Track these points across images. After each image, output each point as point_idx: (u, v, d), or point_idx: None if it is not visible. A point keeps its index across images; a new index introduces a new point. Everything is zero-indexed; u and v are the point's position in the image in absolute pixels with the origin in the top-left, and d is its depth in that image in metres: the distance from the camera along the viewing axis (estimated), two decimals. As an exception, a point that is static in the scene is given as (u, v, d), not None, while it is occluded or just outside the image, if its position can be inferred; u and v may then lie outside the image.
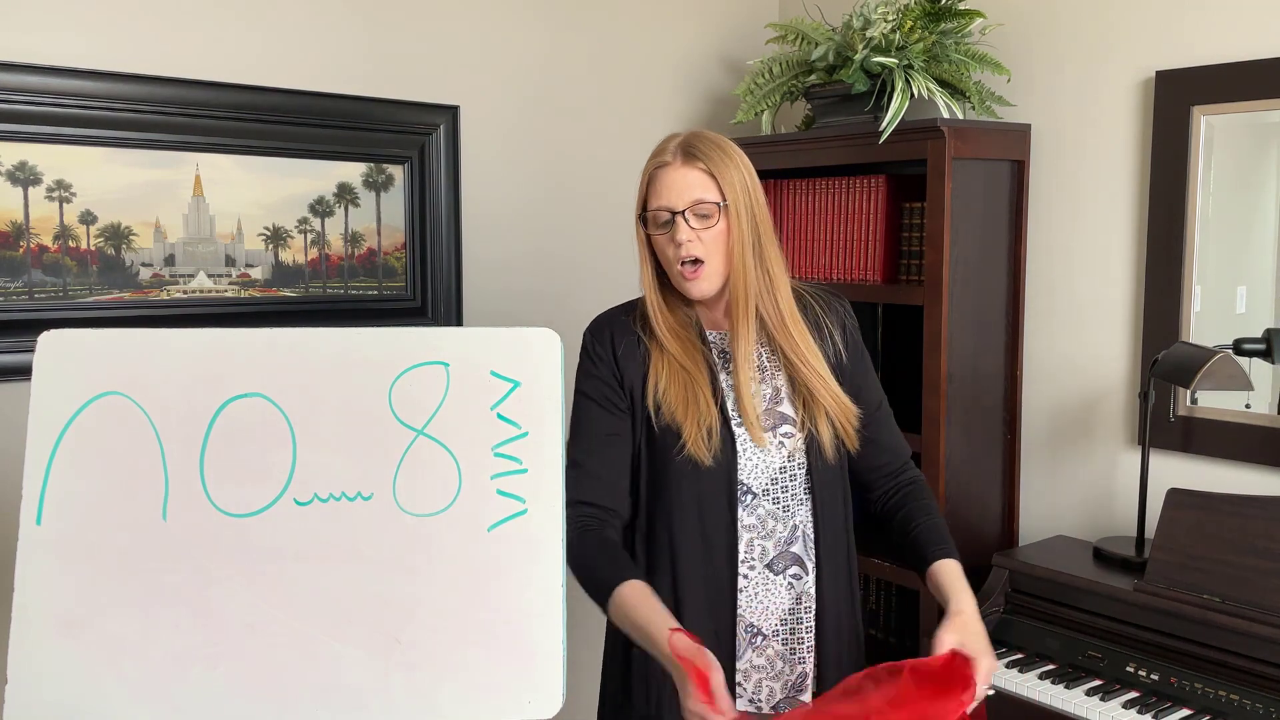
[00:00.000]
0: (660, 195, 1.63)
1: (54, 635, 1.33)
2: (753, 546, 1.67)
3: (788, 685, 1.70)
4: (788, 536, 1.69)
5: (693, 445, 1.62)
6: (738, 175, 1.63)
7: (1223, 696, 1.92)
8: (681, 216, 1.61)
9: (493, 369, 1.44)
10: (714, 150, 1.63)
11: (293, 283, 2.42)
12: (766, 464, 1.67)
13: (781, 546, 1.68)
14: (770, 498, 1.67)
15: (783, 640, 1.70)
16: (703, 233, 1.61)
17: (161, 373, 1.39)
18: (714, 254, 1.62)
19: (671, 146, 1.65)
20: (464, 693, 1.37)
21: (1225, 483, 2.26)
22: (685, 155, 1.63)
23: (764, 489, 1.67)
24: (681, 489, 1.65)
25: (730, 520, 1.65)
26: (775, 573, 1.68)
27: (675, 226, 1.61)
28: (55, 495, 1.35)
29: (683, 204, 1.61)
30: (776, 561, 1.68)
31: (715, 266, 1.63)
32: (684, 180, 1.62)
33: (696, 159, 1.62)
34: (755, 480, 1.67)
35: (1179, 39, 2.32)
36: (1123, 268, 2.43)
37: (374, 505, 1.40)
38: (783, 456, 1.68)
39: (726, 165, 1.62)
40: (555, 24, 2.75)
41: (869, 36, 2.48)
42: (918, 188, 2.49)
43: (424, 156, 2.55)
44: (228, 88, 2.27)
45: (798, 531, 1.70)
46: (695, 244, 1.61)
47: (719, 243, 1.62)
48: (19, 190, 2.08)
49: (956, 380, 2.44)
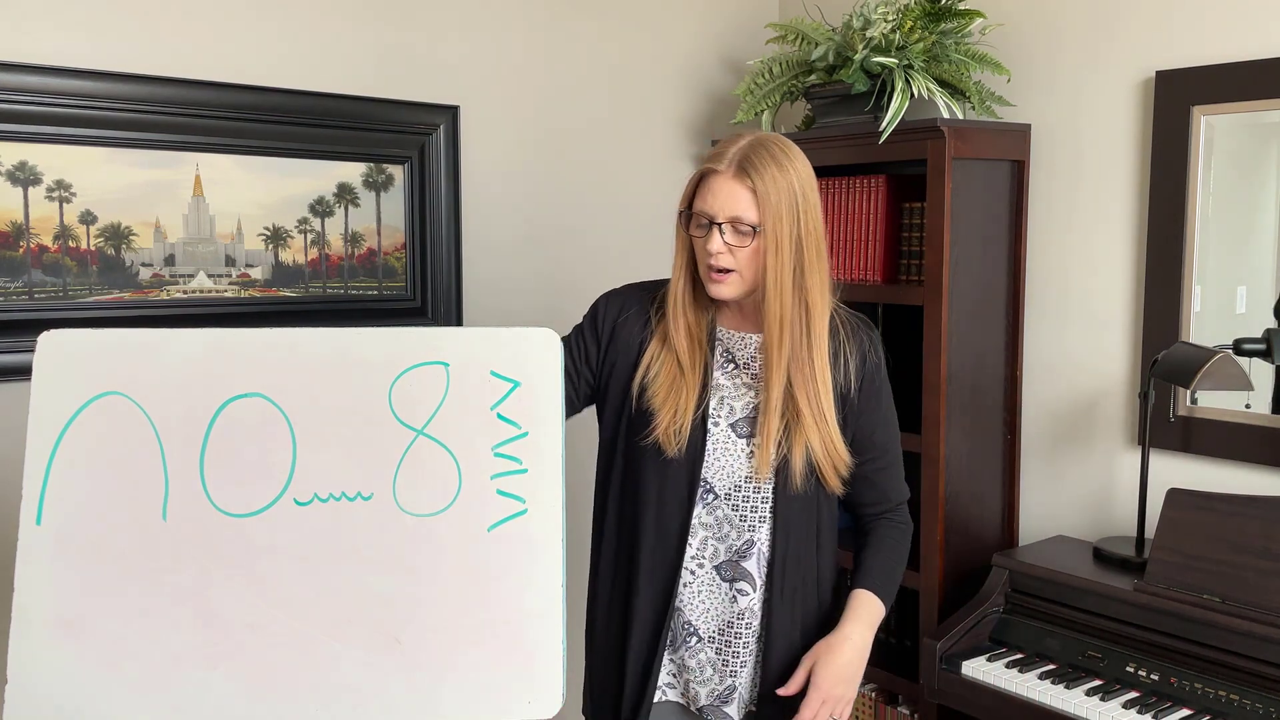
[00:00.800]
0: (704, 200, 1.62)
1: (54, 635, 1.33)
2: (706, 545, 1.68)
3: (714, 694, 1.70)
4: (742, 548, 1.67)
5: (662, 434, 1.63)
6: (786, 200, 1.57)
7: (1223, 696, 1.92)
8: (718, 228, 1.60)
9: (493, 369, 1.44)
10: (769, 168, 1.57)
11: (293, 283, 2.42)
12: (734, 468, 1.67)
13: (733, 555, 1.67)
14: (730, 503, 1.67)
15: (717, 649, 1.69)
16: (736, 249, 1.60)
17: (161, 373, 1.39)
18: (745, 268, 1.62)
19: (730, 153, 1.60)
20: (464, 693, 1.37)
21: (1225, 483, 2.26)
22: (739, 168, 1.58)
23: (726, 493, 1.67)
24: (648, 474, 1.67)
25: (686, 512, 1.66)
26: (723, 579, 1.68)
27: (710, 236, 1.60)
28: (55, 495, 1.35)
29: (721, 217, 1.59)
30: (724, 567, 1.68)
31: (743, 278, 1.63)
32: (728, 193, 1.59)
33: (747, 175, 1.57)
34: (719, 481, 1.67)
35: (1179, 39, 2.32)
36: (1123, 268, 2.43)
37: (374, 505, 1.40)
38: (750, 467, 1.67)
39: (777, 188, 1.57)
40: (555, 24, 2.75)
41: (869, 36, 2.48)
42: (918, 188, 2.49)
43: (424, 156, 2.55)
44: (228, 88, 2.27)
45: (754, 548, 1.68)
46: (726, 256, 1.61)
47: (751, 260, 1.61)
48: (19, 190, 2.08)
49: (956, 380, 2.44)
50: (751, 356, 1.70)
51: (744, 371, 1.70)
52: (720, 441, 1.66)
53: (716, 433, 1.66)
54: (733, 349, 1.71)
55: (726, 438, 1.67)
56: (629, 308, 1.73)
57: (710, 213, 1.60)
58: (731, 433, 1.67)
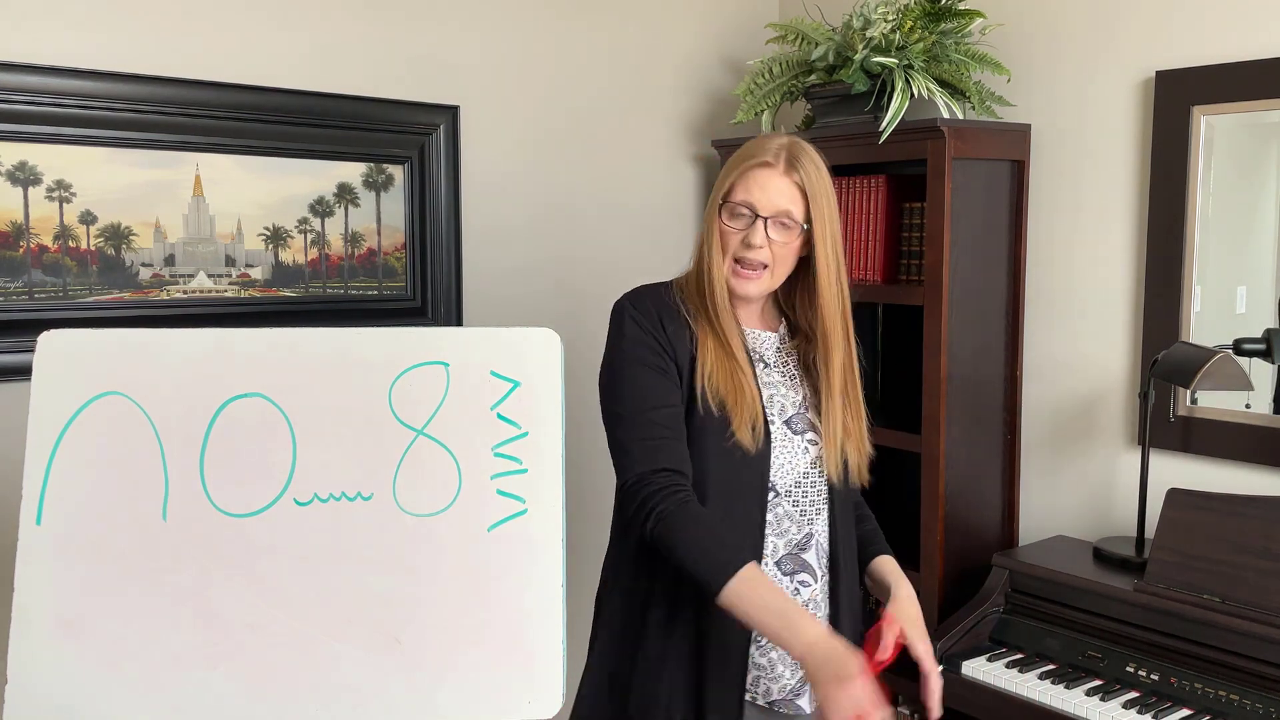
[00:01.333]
0: (750, 192, 1.62)
1: (54, 635, 1.33)
2: (766, 542, 1.68)
3: (786, 689, 1.70)
4: (801, 541, 1.69)
5: (741, 434, 1.62)
6: (827, 199, 1.64)
7: (1223, 696, 1.92)
8: (764, 222, 1.61)
9: (493, 369, 1.44)
10: (814, 170, 1.64)
11: (293, 283, 2.42)
12: (794, 464, 1.68)
13: (793, 549, 1.69)
14: (791, 499, 1.68)
15: None
16: (776, 244, 1.62)
17: (161, 373, 1.39)
18: (779, 264, 1.64)
19: (775, 147, 1.64)
20: (464, 693, 1.37)
21: (1225, 483, 2.25)
22: (789, 164, 1.62)
23: (787, 490, 1.68)
24: (716, 476, 1.64)
25: (760, 513, 1.66)
26: (784, 573, 1.69)
27: (753, 229, 1.61)
28: (55, 495, 1.35)
29: (769, 211, 1.61)
30: (785, 561, 1.69)
31: (773, 276, 1.65)
32: (778, 188, 1.62)
33: (796, 171, 1.62)
34: (781, 479, 1.68)
35: (1179, 39, 2.32)
36: (1123, 268, 2.43)
37: (374, 505, 1.40)
38: (808, 461, 1.69)
39: (821, 189, 1.64)
40: (555, 24, 2.75)
41: (869, 36, 2.48)
42: (918, 188, 2.49)
43: (424, 156, 2.55)
44: (228, 88, 2.27)
45: (812, 540, 1.70)
46: (765, 251, 1.62)
47: (788, 257, 1.65)
48: (19, 190, 2.08)
49: (956, 380, 2.44)
50: (775, 354, 1.73)
51: (774, 369, 1.72)
52: (780, 440, 1.67)
53: (777, 433, 1.67)
54: (760, 349, 1.72)
55: (784, 435, 1.68)
56: (664, 311, 1.68)
57: (756, 206, 1.62)
58: (787, 429, 1.68)
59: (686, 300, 1.69)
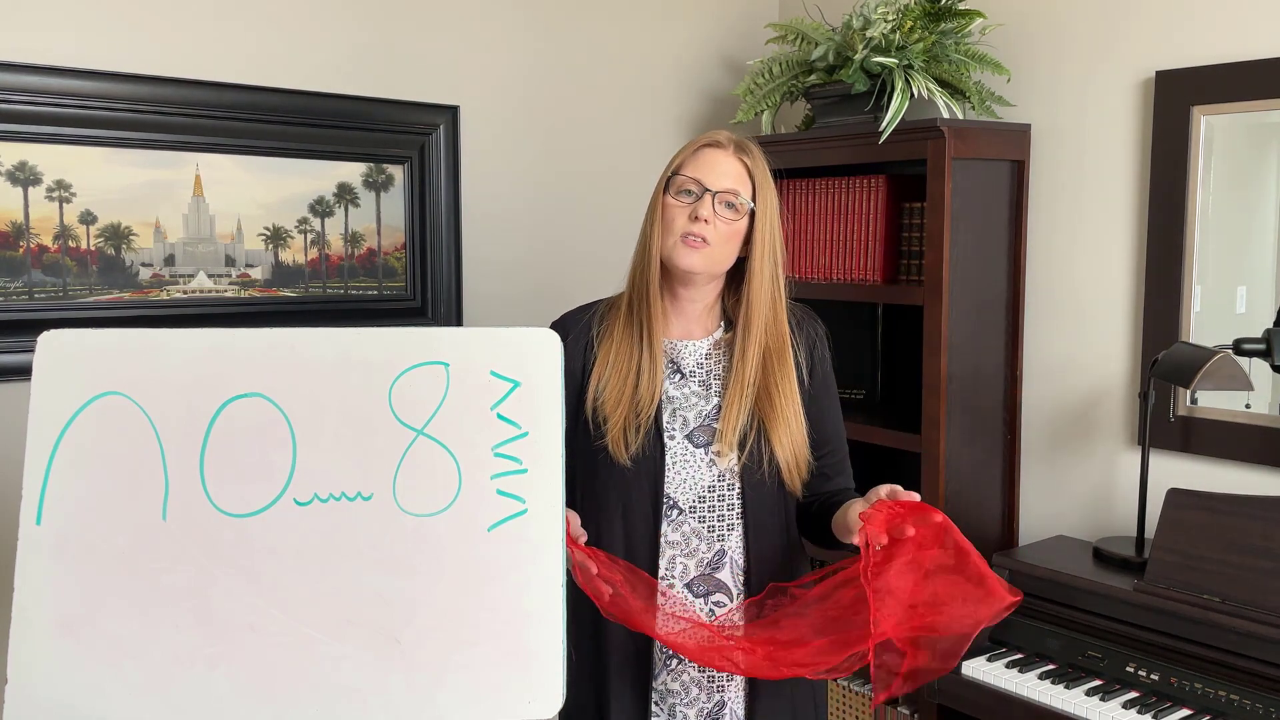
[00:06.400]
0: (699, 169, 1.65)
1: (54, 635, 1.33)
2: (674, 563, 1.65)
3: (703, 713, 1.67)
4: (713, 560, 1.65)
5: (613, 442, 1.61)
6: (771, 195, 1.68)
7: (1223, 696, 1.92)
8: (712, 196, 1.62)
9: (493, 369, 1.43)
10: (761, 161, 1.69)
11: (293, 283, 2.42)
12: (696, 479, 1.65)
13: (704, 569, 1.65)
14: (696, 516, 1.65)
15: (700, 666, 1.65)
16: (721, 223, 1.63)
17: (161, 373, 1.39)
18: (720, 244, 1.63)
19: (725, 136, 1.69)
20: (464, 693, 1.37)
21: (1225, 483, 2.25)
22: (739, 148, 1.67)
23: (691, 506, 1.65)
24: (610, 494, 1.64)
25: (654, 533, 1.63)
26: (695, 594, 1.65)
27: (700, 202, 1.62)
28: (55, 495, 1.35)
29: (718, 186, 1.63)
30: (697, 583, 1.65)
31: (717, 254, 1.64)
32: (729, 167, 1.65)
33: (746, 156, 1.66)
34: (683, 495, 1.64)
35: (1179, 39, 2.32)
36: (1123, 268, 2.43)
37: (374, 505, 1.39)
38: (714, 475, 1.65)
39: (767, 181, 1.68)
40: (555, 24, 2.75)
41: (869, 36, 2.48)
42: (918, 188, 2.49)
43: (424, 156, 2.55)
44: (228, 88, 2.28)
45: (725, 557, 1.66)
46: (710, 227, 1.62)
47: (733, 238, 1.64)
48: (19, 190, 2.08)
49: (956, 380, 2.44)
50: (699, 363, 1.69)
51: (691, 379, 1.68)
52: (679, 454, 1.65)
53: (674, 445, 1.64)
54: (678, 359, 1.69)
55: (685, 449, 1.65)
56: (571, 323, 1.71)
57: (705, 181, 1.63)
58: (689, 444, 1.65)
59: (609, 312, 1.71)
